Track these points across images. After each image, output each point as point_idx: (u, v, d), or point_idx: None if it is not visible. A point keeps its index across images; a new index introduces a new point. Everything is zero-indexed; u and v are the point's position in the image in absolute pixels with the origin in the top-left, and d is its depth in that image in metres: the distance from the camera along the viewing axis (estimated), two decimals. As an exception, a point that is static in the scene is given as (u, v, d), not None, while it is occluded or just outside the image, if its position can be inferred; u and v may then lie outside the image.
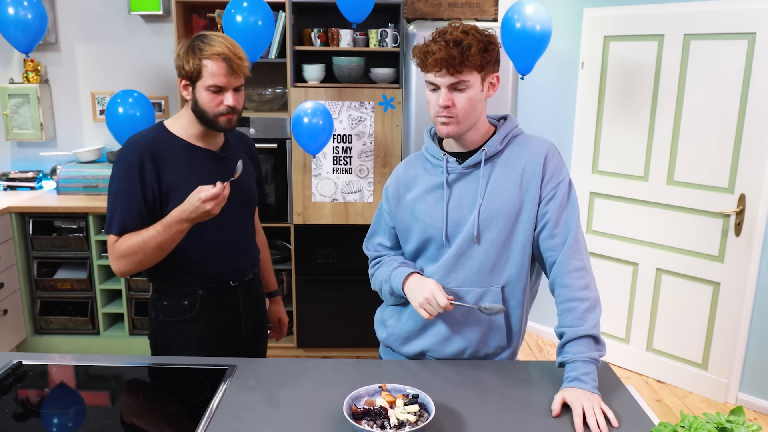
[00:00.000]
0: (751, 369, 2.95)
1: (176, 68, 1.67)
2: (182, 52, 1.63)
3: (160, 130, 1.72)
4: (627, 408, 1.36)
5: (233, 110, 1.66)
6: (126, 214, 1.63)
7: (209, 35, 1.64)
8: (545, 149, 1.50)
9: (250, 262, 1.89)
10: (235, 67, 1.62)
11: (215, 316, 1.80)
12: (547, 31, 2.58)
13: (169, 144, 1.70)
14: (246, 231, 1.87)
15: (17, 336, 3.30)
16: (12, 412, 1.34)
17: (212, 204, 1.54)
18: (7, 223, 3.21)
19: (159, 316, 1.79)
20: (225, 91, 1.63)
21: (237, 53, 1.63)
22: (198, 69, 1.61)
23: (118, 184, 1.64)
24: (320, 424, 1.28)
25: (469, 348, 1.55)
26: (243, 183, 1.77)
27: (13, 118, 3.57)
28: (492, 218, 1.47)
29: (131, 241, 1.61)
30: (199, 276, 1.76)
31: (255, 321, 1.93)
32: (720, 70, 2.84)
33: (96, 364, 1.56)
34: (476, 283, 1.50)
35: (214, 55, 1.60)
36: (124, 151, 1.67)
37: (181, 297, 1.76)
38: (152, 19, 3.54)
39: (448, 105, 1.42)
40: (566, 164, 3.49)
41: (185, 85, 1.66)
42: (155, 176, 1.64)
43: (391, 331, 1.63)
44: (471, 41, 1.39)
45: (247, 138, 1.97)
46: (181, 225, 1.59)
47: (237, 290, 1.84)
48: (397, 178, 1.62)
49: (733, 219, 2.88)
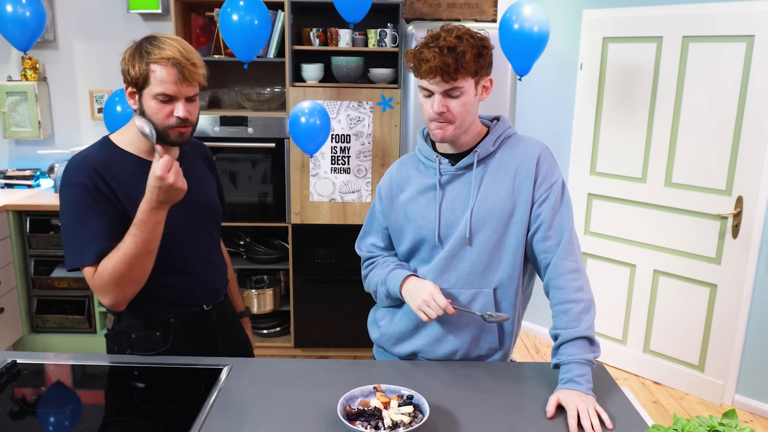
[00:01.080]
0: (748, 371, 2.95)
1: (121, 73, 1.49)
2: (128, 55, 1.47)
3: (105, 147, 1.54)
4: (622, 410, 1.36)
5: (185, 122, 1.48)
6: (97, 237, 1.43)
7: (160, 37, 1.48)
8: (538, 151, 1.49)
9: (220, 279, 1.74)
10: (187, 74, 1.44)
11: (191, 344, 1.64)
12: (545, 33, 2.58)
13: (118, 160, 1.51)
14: (213, 246, 1.72)
15: (14, 334, 3.30)
16: (5, 411, 1.34)
17: (173, 175, 1.38)
18: (4, 221, 3.21)
19: (126, 351, 1.61)
20: (175, 100, 1.46)
21: (190, 58, 1.46)
22: (145, 74, 1.44)
23: (76, 211, 1.44)
24: (314, 424, 1.28)
25: (461, 349, 1.55)
26: (203, 196, 1.66)
27: (11, 116, 3.56)
28: (484, 220, 1.47)
29: (112, 260, 1.42)
30: (169, 302, 1.60)
31: (231, 343, 1.77)
32: (718, 73, 2.84)
33: (90, 363, 1.56)
34: (468, 285, 1.50)
35: (163, 60, 1.42)
36: (71, 173, 1.47)
37: (151, 328, 1.59)
38: (151, 17, 3.54)
39: (442, 111, 1.41)
40: (563, 165, 3.50)
41: (131, 93, 1.49)
42: (112, 193, 1.47)
43: (384, 331, 1.64)
44: (465, 47, 1.37)
45: (203, 146, 1.80)
46: (155, 215, 1.41)
47: (211, 315, 1.68)
48: (391, 179, 1.62)
49: (731, 221, 2.88)
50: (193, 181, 1.54)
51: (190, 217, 1.60)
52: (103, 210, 1.45)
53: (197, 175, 1.67)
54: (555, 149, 3.50)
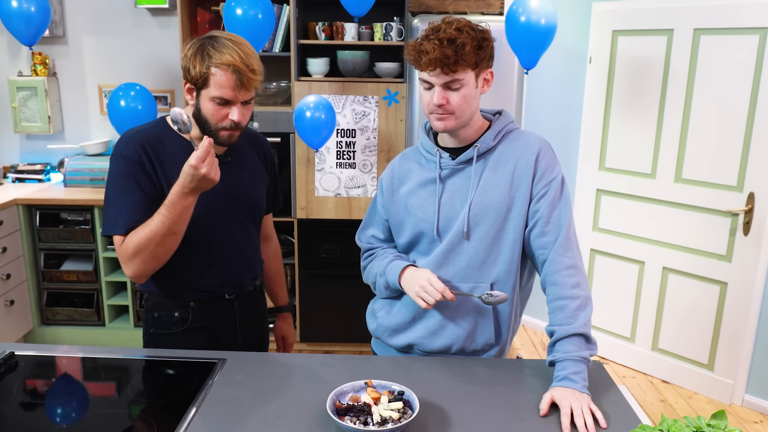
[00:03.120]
0: (758, 370, 2.90)
1: (182, 69, 1.51)
2: (190, 54, 1.48)
3: (161, 126, 1.59)
4: (617, 408, 1.34)
5: (237, 126, 1.51)
6: (131, 210, 1.49)
7: (222, 39, 1.47)
8: (538, 147, 1.48)
9: (249, 274, 1.73)
10: (245, 81, 1.45)
11: (209, 329, 1.67)
12: (552, 25, 2.54)
13: (170, 141, 1.56)
14: (247, 239, 1.70)
15: (24, 327, 3.34)
16: (1, 402, 1.35)
17: (206, 166, 1.40)
18: (14, 214, 3.24)
19: (150, 329, 1.67)
20: (232, 104, 1.48)
21: (250, 65, 1.46)
22: (205, 77, 1.45)
23: (118, 181, 1.51)
24: (304, 419, 1.27)
25: (456, 343, 1.53)
26: (246, 188, 1.66)
27: (22, 111, 3.60)
28: (482, 215, 1.46)
29: (139, 235, 1.46)
30: (190, 287, 1.63)
31: (252, 337, 1.78)
32: (730, 66, 2.78)
33: (87, 356, 1.56)
34: (466, 279, 1.49)
35: (223, 65, 1.43)
36: (120, 145, 1.54)
37: (172, 308, 1.64)
38: (158, 12, 3.55)
39: (442, 103, 1.41)
40: (571, 161, 3.45)
41: (189, 89, 1.51)
42: (154, 171, 1.52)
43: (381, 322, 1.64)
44: (465, 39, 1.37)
45: (261, 138, 1.79)
46: (185, 200, 1.44)
47: (233, 303, 1.70)
48: (392, 172, 1.62)
49: (742, 218, 2.83)
50: (240, 173, 1.56)
51: (226, 206, 1.60)
52: (143, 185, 1.50)
53: (246, 168, 1.67)
54: (563, 144, 3.47)
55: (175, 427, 1.22)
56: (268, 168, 1.80)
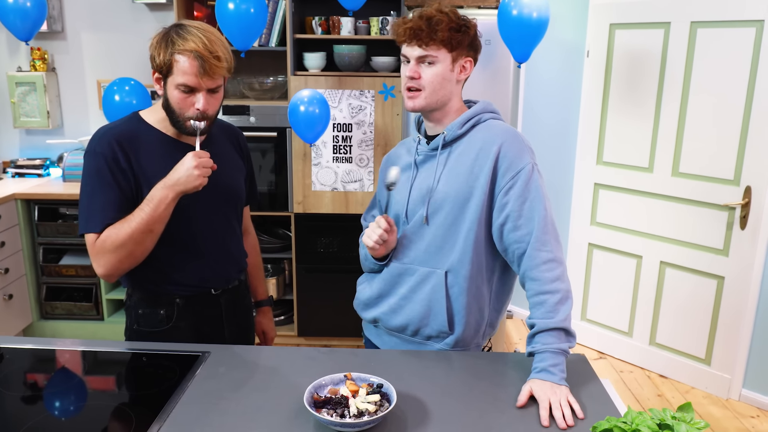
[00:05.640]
0: (755, 365, 2.88)
1: (149, 58, 1.51)
2: (155, 42, 1.48)
3: (134, 120, 1.58)
4: (597, 401, 1.33)
5: (204, 115, 1.49)
6: (107, 207, 1.47)
7: (188, 26, 1.47)
8: (502, 138, 1.48)
9: (234, 267, 1.73)
10: (209, 68, 1.44)
11: (195, 326, 1.65)
12: (545, 19, 2.52)
13: (144, 135, 1.55)
14: (229, 233, 1.70)
15: (23, 321, 3.37)
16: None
17: (199, 168, 1.43)
18: (13, 209, 3.27)
19: (134, 326, 1.65)
20: (197, 92, 1.47)
21: (214, 51, 1.45)
22: (169, 64, 1.45)
23: (92, 178, 1.49)
24: (283, 412, 1.28)
25: (412, 325, 1.56)
26: (225, 179, 1.65)
27: (21, 106, 3.62)
28: (441, 201, 1.50)
29: (117, 231, 1.45)
30: (174, 282, 1.61)
31: (239, 332, 1.77)
32: (727, 59, 2.75)
33: (71, 349, 1.58)
34: (424, 263, 1.53)
35: (186, 51, 1.43)
36: (93, 142, 1.52)
37: (157, 306, 1.62)
38: (156, 7, 3.56)
39: (414, 76, 1.47)
40: (569, 155, 3.42)
41: (157, 78, 1.51)
42: (129, 167, 1.50)
43: (358, 296, 1.70)
44: (442, 17, 1.45)
45: (236, 130, 1.79)
46: (166, 198, 1.45)
47: (219, 299, 1.69)
48: (389, 155, 1.71)
49: (739, 212, 2.81)
50: (218, 165, 1.56)
51: (206, 197, 1.58)
52: (117, 182, 1.49)
53: (222, 158, 1.65)
54: (562, 138, 3.46)
55: (154, 420, 1.23)
56: (245, 160, 1.80)
